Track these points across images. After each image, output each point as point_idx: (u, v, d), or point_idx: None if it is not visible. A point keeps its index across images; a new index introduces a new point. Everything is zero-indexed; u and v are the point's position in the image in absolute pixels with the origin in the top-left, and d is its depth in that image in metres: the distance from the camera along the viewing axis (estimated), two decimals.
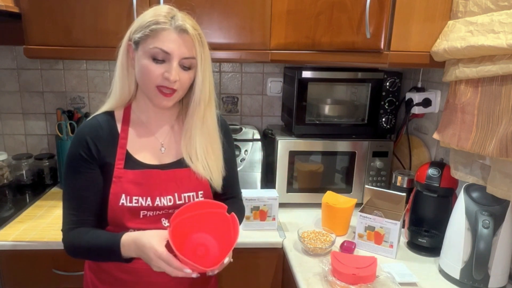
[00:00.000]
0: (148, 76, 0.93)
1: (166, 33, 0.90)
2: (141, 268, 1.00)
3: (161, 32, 0.90)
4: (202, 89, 0.97)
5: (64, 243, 0.98)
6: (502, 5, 1.00)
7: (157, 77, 0.92)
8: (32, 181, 1.83)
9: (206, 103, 1.00)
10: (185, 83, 0.96)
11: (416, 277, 1.14)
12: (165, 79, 0.92)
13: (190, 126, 1.01)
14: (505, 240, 1.06)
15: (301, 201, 1.64)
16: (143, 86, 0.97)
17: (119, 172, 0.97)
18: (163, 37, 0.90)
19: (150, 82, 0.93)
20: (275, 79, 1.91)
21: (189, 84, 0.97)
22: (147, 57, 0.92)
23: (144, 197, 0.97)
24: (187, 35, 0.91)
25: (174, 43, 0.91)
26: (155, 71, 0.92)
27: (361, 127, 1.63)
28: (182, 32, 0.91)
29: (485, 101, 1.07)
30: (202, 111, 1.00)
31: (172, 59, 0.91)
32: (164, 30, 0.90)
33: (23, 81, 1.84)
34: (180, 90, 0.96)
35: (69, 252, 0.98)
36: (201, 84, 0.97)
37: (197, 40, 0.93)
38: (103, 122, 1.00)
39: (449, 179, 1.25)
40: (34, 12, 1.39)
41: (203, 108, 1.00)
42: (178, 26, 0.91)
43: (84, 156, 0.96)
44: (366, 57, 1.26)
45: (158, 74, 0.92)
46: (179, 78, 0.93)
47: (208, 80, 0.98)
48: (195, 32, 0.93)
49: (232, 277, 1.39)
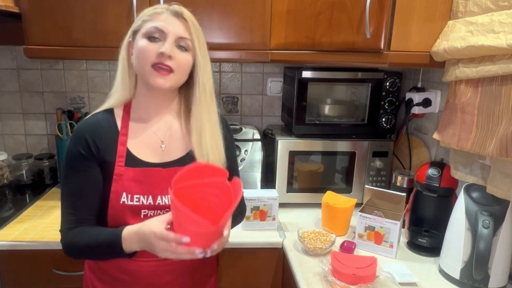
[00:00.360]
0: (143, 55, 0.93)
1: (161, 15, 0.94)
2: (141, 268, 1.01)
3: (157, 15, 0.94)
4: (204, 72, 0.97)
5: (63, 244, 0.96)
6: (502, 5, 1.00)
7: (152, 54, 0.92)
8: (32, 181, 1.83)
9: (212, 90, 1.00)
10: (183, 65, 0.95)
11: (416, 277, 1.14)
12: (160, 55, 0.91)
13: (200, 119, 0.99)
14: (505, 240, 1.06)
15: (301, 201, 1.64)
16: (140, 69, 0.95)
17: (120, 170, 0.96)
18: (159, 18, 0.94)
19: (146, 61, 0.92)
20: (275, 79, 1.91)
21: (187, 68, 0.96)
22: (143, 37, 0.94)
23: (145, 195, 0.96)
24: (182, 18, 0.94)
25: (169, 22, 0.93)
26: (150, 49, 0.92)
27: (361, 127, 1.63)
28: (177, 15, 0.94)
29: (485, 101, 1.07)
30: (208, 100, 0.99)
31: (167, 37, 0.93)
32: (160, 13, 0.95)
33: (23, 81, 1.84)
34: (177, 72, 0.94)
35: (68, 253, 0.96)
36: (203, 67, 0.97)
37: (192, 24, 0.95)
38: (102, 120, 0.99)
39: (449, 179, 1.25)
40: (34, 12, 1.39)
41: (209, 95, 0.99)
42: (174, 9, 0.95)
43: (83, 154, 0.95)
44: (366, 57, 1.26)
45: (153, 51, 0.92)
46: (174, 56, 0.93)
47: (208, 67, 0.98)
48: (192, 18, 0.96)
49: (232, 277, 1.39)
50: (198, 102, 0.99)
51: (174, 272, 1.04)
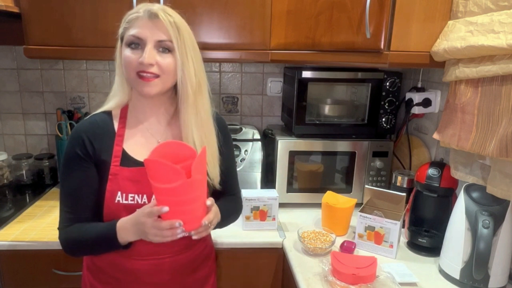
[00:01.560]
0: (127, 64, 0.94)
1: (138, 20, 0.93)
2: (139, 268, 1.01)
3: (135, 20, 0.94)
4: (184, 73, 0.95)
5: (60, 241, 0.98)
6: (502, 5, 1.00)
7: (134, 63, 0.92)
8: (32, 181, 1.82)
9: (196, 91, 0.98)
10: (166, 68, 0.94)
11: (416, 277, 1.14)
12: (141, 64, 0.91)
13: (186, 118, 0.99)
14: (505, 240, 1.06)
15: (301, 201, 1.64)
16: (127, 77, 0.97)
17: (115, 170, 0.97)
18: (136, 24, 0.93)
19: (130, 70, 0.94)
20: (275, 79, 1.91)
21: (172, 69, 0.95)
22: (126, 47, 0.94)
23: (140, 194, 0.97)
24: (158, 19, 0.92)
25: (145, 28, 0.92)
26: (132, 58, 0.92)
27: (361, 127, 1.63)
28: (152, 16, 0.92)
29: (485, 101, 1.07)
30: (191, 97, 0.98)
31: (146, 44, 0.92)
32: (137, 18, 0.93)
33: (23, 81, 1.84)
34: (163, 75, 0.94)
35: (66, 249, 0.98)
36: (182, 67, 0.95)
37: (169, 23, 0.92)
38: (100, 121, 1.01)
39: (449, 179, 1.25)
40: (34, 12, 1.39)
41: (192, 94, 0.97)
42: (149, 11, 0.92)
43: (79, 154, 0.96)
44: (366, 57, 1.26)
45: (135, 60, 0.92)
46: (155, 61, 0.92)
47: (191, 65, 0.96)
48: (168, 18, 0.92)
49: (232, 277, 1.39)
50: (181, 102, 0.99)
51: (172, 272, 1.04)
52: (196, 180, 0.84)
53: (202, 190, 0.88)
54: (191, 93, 0.97)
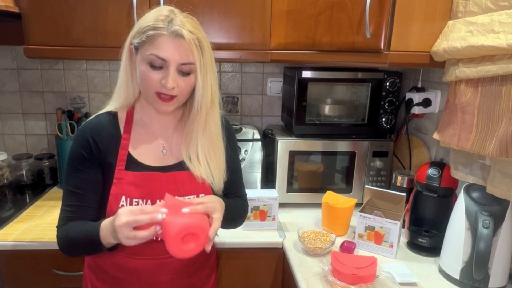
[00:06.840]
0: (146, 82, 0.92)
1: (162, 39, 0.88)
2: (140, 267, 1.01)
3: (157, 38, 0.88)
4: (203, 94, 0.96)
5: (57, 239, 0.98)
6: (502, 5, 1.00)
7: (155, 83, 0.91)
8: (32, 181, 1.82)
9: (208, 108, 0.99)
10: (185, 89, 0.94)
11: (416, 277, 1.13)
12: (162, 86, 0.91)
13: (191, 130, 1.01)
14: (505, 240, 1.06)
15: (301, 201, 1.64)
16: (143, 91, 0.97)
17: (120, 174, 0.97)
18: (159, 43, 0.89)
19: (149, 88, 0.93)
20: (275, 79, 1.91)
21: (190, 89, 0.96)
22: (144, 63, 0.91)
23: (144, 199, 0.97)
24: (183, 40, 0.89)
25: (170, 50, 0.88)
26: (153, 78, 0.91)
27: (361, 127, 1.63)
28: (178, 37, 0.88)
29: (485, 101, 1.07)
30: (203, 116, 0.99)
31: (169, 66, 0.90)
32: (159, 36, 0.88)
33: (23, 81, 1.84)
34: (181, 96, 0.95)
35: (60, 248, 0.98)
36: (202, 90, 0.95)
37: (194, 45, 0.90)
38: (105, 122, 1.00)
39: (449, 179, 1.25)
40: (34, 12, 1.39)
41: (205, 113, 0.99)
42: (174, 31, 0.88)
43: (84, 154, 0.96)
44: (366, 57, 1.26)
45: (156, 80, 0.91)
46: (177, 84, 0.91)
47: (209, 84, 0.96)
48: (193, 37, 0.89)
49: (232, 277, 1.39)
50: (191, 118, 1.00)
51: (174, 272, 1.04)
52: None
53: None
54: (204, 111, 0.98)
